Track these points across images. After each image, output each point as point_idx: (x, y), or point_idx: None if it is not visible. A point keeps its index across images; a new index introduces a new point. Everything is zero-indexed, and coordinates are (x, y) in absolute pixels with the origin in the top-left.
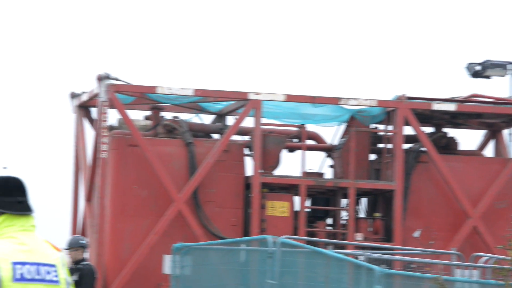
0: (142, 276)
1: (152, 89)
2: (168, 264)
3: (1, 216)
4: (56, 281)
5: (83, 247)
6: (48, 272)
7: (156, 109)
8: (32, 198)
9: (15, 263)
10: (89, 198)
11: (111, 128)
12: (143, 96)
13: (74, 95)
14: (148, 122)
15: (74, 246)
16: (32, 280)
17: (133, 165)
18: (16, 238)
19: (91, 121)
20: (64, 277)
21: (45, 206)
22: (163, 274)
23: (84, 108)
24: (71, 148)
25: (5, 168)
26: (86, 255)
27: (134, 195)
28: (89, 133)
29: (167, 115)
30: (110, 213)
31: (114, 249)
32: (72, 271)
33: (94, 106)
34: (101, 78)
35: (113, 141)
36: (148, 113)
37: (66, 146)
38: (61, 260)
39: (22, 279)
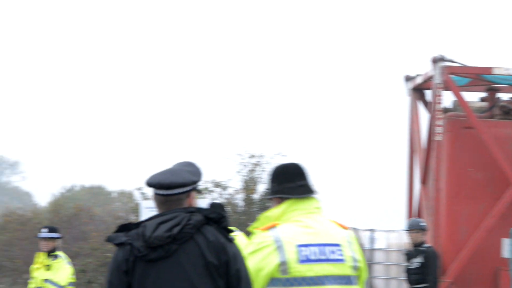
0: (479, 259)
1: (488, 70)
2: (507, 248)
3: (285, 201)
4: (341, 260)
5: (423, 229)
6: (333, 252)
7: (492, 90)
8: (313, 181)
9: (299, 246)
10: (424, 181)
11: (445, 110)
12: (478, 78)
13: (408, 78)
14: (484, 104)
15: (415, 228)
16: (318, 260)
17: (468, 147)
18: (300, 222)
19: (426, 103)
20: (351, 254)
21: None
22: (501, 258)
23: (418, 91)
24: (406, 131)
25: (284, 156)
26: (426, 237)
27: (470, 177)
28: (424, 115)
29: (504, 97)
30: (446, 195)
31: (450, 232)
32: (413, 253)
33: (428, 89)
34: (436, 61)
35: (448, 124)
36: (483, 94)
37: (401, 128)
38: (348, 238)
39: (307, 260)
